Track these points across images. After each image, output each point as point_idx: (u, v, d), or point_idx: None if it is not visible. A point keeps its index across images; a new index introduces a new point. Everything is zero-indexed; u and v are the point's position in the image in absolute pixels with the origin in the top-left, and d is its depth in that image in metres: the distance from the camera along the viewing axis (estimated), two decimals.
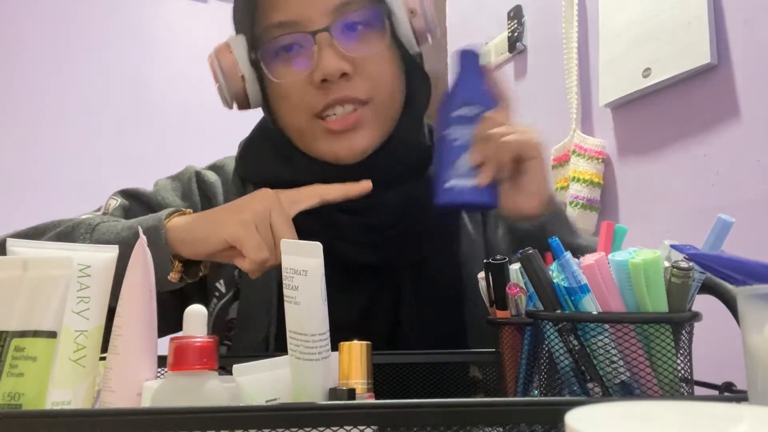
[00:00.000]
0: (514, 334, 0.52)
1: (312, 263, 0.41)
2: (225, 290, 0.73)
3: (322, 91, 0.65)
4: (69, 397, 0.43)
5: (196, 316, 0.44)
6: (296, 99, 0.67)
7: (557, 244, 0.44)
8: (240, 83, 0.68)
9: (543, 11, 1.82)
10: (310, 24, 0.65)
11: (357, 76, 0.66)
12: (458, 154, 0.64)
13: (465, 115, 0.64)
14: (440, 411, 0.32)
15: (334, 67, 0.64)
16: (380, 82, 0.68)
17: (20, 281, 0.37)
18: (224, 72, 0.68)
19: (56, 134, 2.11)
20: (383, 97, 0.68)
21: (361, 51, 0.66)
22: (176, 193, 0.76)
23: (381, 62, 0.68)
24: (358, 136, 0.67)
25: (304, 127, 0.68)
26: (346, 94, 0.65)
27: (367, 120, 0.67)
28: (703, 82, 1.29)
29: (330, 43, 0.64)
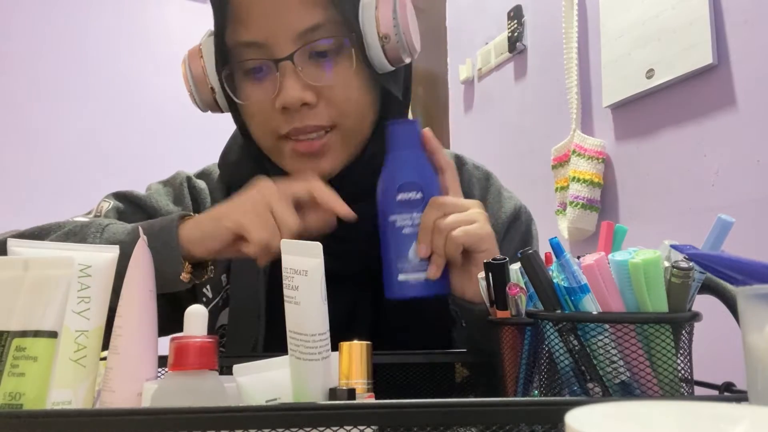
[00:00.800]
0: (514, 334, 0.52)
1: (312, 263, 0.41)
2: (212, 296, 0.73)
3: (284, 117, 0.65)
4: (69, 397, 0.43)
5: (196, 316, 0.44)
6: (261, 120, 0.67)
7: (557, 243, 0.44)
8: (209, 93, 0.68)
9: (543, 11, 1.82)
10: (276, 48, 0.63)
11: (321, 103, 0.65)
12: (408, 244, 0.61)
13: (409, 199, 0.61)
14: (440, 411, 0.32)
15: (294, 97, 0.63)
16: (346, 108, 0.66)
17: (21, 281, 0.37)
18: (194, 80, 0.68)
19: (56, 134, 2.11)
20: (350, 123, 0.67)
21: (325, 80, 0.64)
22: (169, 198, 0.76)
23: (347, 89, 0.66)
24: (323, 160, 0.66)
25: (271, 146, 0.68)
26: (307, 124, 0.64)
27: (333, 144, 0.66)
28: (702, 82, 1.29)
29: (293, 71, 0.63)
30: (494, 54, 2.02)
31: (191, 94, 0.69)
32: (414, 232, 0.61)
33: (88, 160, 2.12)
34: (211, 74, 0.67)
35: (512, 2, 1.92)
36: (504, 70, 1.99)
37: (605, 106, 1.52)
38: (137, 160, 2.14)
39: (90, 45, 2.21)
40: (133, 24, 2.29)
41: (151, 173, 2.22)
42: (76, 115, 2.15)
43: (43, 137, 2.09)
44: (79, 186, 2.09)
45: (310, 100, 0.63)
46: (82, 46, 2.20)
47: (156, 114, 2.22)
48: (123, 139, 2.17)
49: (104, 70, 2.22)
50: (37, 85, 2.12)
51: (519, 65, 1.93)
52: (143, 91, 2.25)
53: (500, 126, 1.99)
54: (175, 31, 2.36)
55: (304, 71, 0.63)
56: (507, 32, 1.93)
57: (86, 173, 2.11)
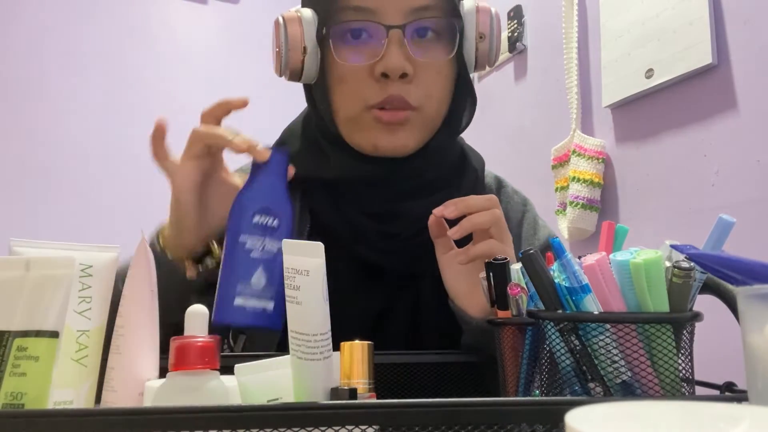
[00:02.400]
0: (515, 334, 0.52)
1: (314, 263, 0.41)
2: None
3: (379, 85, 0.66)
4: (71, 396, 0.43)
5: (197, 316, 0.44)
6: (353, 86, 0.67)
7: (558, 243, 0.44)
8: (300, 55, 0.68)
9: (543, 11, 1.82)
10: (386, 17, 0.65)
11: (415, 80, 0.66)
12: (254, 268, 0.57)
13: (265, 224, 0.58)
14: (441, 411, 0.32)
15: (398, 64, 0.64)
16: (433, 93, 0.68)
17: (22, 281, 0.37)
18: (288, 40, 0.68)
19: (56, 134, 2.11)
20: (431, 109, 0.69)
21: (425, 57, 0.67)
22: None
23: (439, 74, 0.68)
24: (401, 132, 0.68)
25: (353, 114, 0.68)
26: (400, 95, 0.66)
27: (413, 124, 0.68)
28: (702, 82, 1.29)
29: (400, 41, 0.65)
30: None
31: (278, 55, 0.69)
32: (262, 258, 0.56)
33: (88, 160, 2.12)
34: (308, 34, 0.67)
35: (512, 2, 1.92)
36: (504, 70, 1.99)
37: (605, 106, 1.52)
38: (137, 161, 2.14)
39: (91, 46, 2.21)
40: (134, 25, 2.29)
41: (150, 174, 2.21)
42: (76, 114, 2.15)
43: (42, 137, 2.09)
44: (79, 186, 2.09)
45: (410, 72, 0.65)
46: (82, 47, 2.20)
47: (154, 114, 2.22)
48: (123, 139, 2.17)
49: (105, 70, 2.22)
50: (38, 85, 2.12)
51: (519, 65, 1.93)
52: (143, 90, 2.25)
53: (500, 126, 1.99)
54: (175, 32, 2.36)
55: (409, 45, 0.65)
56: (507, 32, 1.93)
57: (86, 173, 2.11)
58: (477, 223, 0.62)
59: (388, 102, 0.66)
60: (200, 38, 2.37)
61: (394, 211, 0.71)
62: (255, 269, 0.56)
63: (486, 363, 0.65)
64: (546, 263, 0.45)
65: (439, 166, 0.73)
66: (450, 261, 0.67)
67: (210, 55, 2.35)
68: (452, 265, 0.66)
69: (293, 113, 0.82)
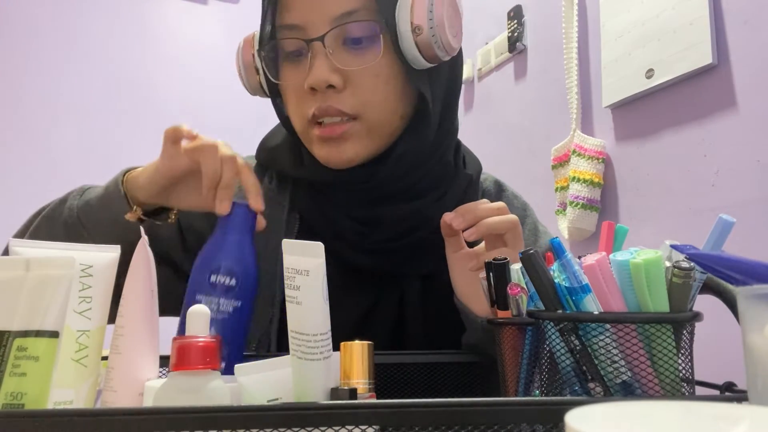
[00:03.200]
0: (515, 335, 0.52)
1: (313, 263, 0.41)
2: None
3: (312, 99, 0.66)
4: (71, 396, 0.43)
5: (198, 316, 0.44)
6: (294, 103, 0.69)
7: (558, 243, 0.44)
8: (255, 75, 0.72)
9: (543, 11, 1.82)
10: (312, 30, 0.65)
11: (348, 90, 0.65)
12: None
13: (222, 283, 0.55)
14: (441, 411, 0.32)
15: (321, 77, 0.64)
16: (371, 98, 0.66)
17: (22, 281, 0.37)
18: (243, 63, 0.72)
19: (56, 134, 2.11)
20: (375, 114, 0.67)
21: (353, 64, 0.65)
22: None
23: (375, 78, 0.66)
24: (344, 145, 0.67)
25: (302, 131, 0.70)
26: (330, 105, 0.65)
27: (355, 134, 0.67)
28: (702, 82, 1.29)
29: (323, 52, 0.64)
30: (494, 54, 2.02)
31: (240, 77, 0.73)
32: (215, 318, 0.54)
33: (89, 160, 2.12)
34: (258, 57, 0.71)
35: (512, 2, 1.92)
36: (504, 70, 1.99)
37: (605, 106, 1.52)
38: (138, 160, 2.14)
39: (91, 46, 2.21)
40: (134, 26, 2.29)
41: None
42: (76, 114, 2.15)
43: (43, 137, 2.09)
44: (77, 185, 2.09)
45: (336, 83, 0.64)
46: (83, 48, 2.20)
47: (155, 114, 2.22)
48: (123, 138, 2.17)
49: (105, 71, 2.22)
50: (38, 85, 2.12)
51: (519, 65, 1.93)
52: (143, 90, 2.25)
53: (500, 126, 1.99)
54: (175, 32, 2.36)
55: (334, 55, 0.65)
56: (507, 32, 1.93)
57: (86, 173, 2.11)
58: (493, 227, 0.62)
59: (319, 114, 0.66)
60: (200, 38, 2.37)
61: (373, 215, 0.71)
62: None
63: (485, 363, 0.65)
64: (546, 263, 0.45)
65: (414, 171, 0.71)
66: (459, 260, 0.66)
67: (210, 55, 2.35)
68: (461, 265, 0.66)
69: None
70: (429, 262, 0.72)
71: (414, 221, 0.71)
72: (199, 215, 0.70)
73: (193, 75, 2.31)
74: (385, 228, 0.71)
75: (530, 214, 0.82)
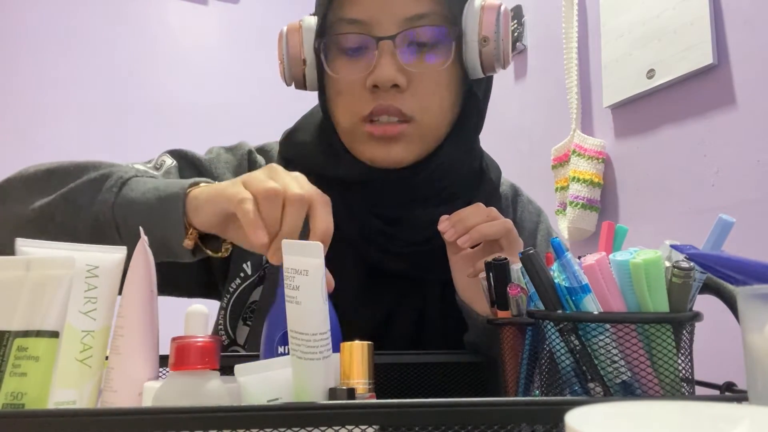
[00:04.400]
0: (515, 335, 0.52)
1: (313, 263, 0.41)
2: (251, 272, 0.72)
3: (371, 96, 0.65)
4: (74, 396, 0.43)
5: (197, 316, 0.44)
6: (348, 99, 0.67)
7: (558, 243, 0.44)
8: (300, 66, 0.69)
9: (543, 11, 1.82)
10: (378, 29, 0.65)
11: (409, 91, 0.65)
12: None
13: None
14: (441, 411, 0.32)
15: (388, 76, 0.64)
16: (429, 104, 0.67)
17: (23, 281, 0.37)
18: (288, 51, 0.69)
19: (57, 134, 2.11)
20: (429, 120, 0.67)
21: (419, 68, 0.66)
22: (228, 166, 0.76)
23: (437, 84, 0.67)
24: (396, 146, 0.67)
25: (350, 127, 0.68)
26: (391, 104, 0.65)
27: (408, 136, 0.67)
28: (702, 82, 1.29)
29: (391, 52, 0.64)
30: None
31: (282, 66, 0.70)
32: None
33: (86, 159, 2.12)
34: (307, 46, 0.68)
35: (512, 2, 1.92)
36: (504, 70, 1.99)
37: (605, 106, 1.52)
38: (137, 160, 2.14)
39: (91, 47, 2.21)
40: (134, 26, 2.29)
41: None
42: (76, 115, 2.15)
43: (43, 137, 2.09)
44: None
45: (401, 83, 0.64)
46: (83, 48, 2.20)
47: (155, 114, 2.22)
48: (123, 138, 2.17)
49: (105, 71, 2.22)
50: (39, 85, 2.12)
51: (519, 65, 1.93)
52: (143, 90, 2.25)
53: (500, 126, 1.99)
54: (176, 32, 2.36)
55: (402, 55, 0.65)
56: None
57: None
58: (486, 233, 0.62)
59: (377, 112, 0.65)
60: (200, 38, 2.37)
61: (402, 217, 0.71)
62: None
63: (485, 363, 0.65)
64: (546, 263, 0.45)
65: (450, 176, 0.72)
66: (458, 263, 0.66)
67: (210, 55, 2.35)
68: (460, 267, 0.66)
69: (294, 113, 0.82)
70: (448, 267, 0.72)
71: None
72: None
73: (193, 75, 2.31)
74: (411, 230, 0.71)
75: (544, 220, 0.83)
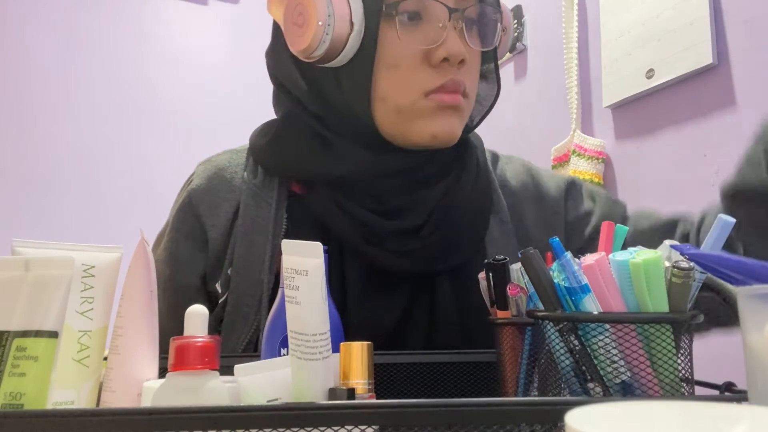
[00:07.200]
0: (515, 334, 0.52)
1: (313, 263, 0.41)
2: (221, 291, 0.70)
3: (436, 71, 0.63)
4: (72, 396, 0.43)
5: (196, 316, 0.44)
6: (407, 72, 0.63)
7: (558, 244, 0.44)
8: (347, 31, 0.61)
9: (543, 11, 1.82)
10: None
11: (466, 68, 0.65)
12: None
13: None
14: (440, 411, 0.32)
15: (460, 50, 0.62)
16: (475, 84, 0.68)
17: (22, 281, 0.37)
18: (335, 14, 0.60)
19: (57, 134, 2.11)
20: (473, 98, 0.69)
21: (474, 45, 0.66)
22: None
23: (478, 63, 0.68)
24: (456, 119, 0.66)
25: (408, 102, 0.64)
26: (460, 80, 0.64)
27: (463, 112, 0.67)
28: (702, 82, 1.29)
29: (460, 26, 0.64)
30: None
31: (321, 30, 0.60)
32: None
33: (90, 160, 2.12)
34: (356, 9, 0.61)
35: (512, 2, 1.92)
36: (504, 70, 1.99)
37: (605, 106, 1.52)
38: (139, 160, 2.14)
39: (91, 47, 2.21)
40: (134, 27, 2.29)
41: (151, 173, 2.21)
42: (77, 115, 2.15)
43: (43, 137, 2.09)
44: (79, 185, 2.09)
45: (468, 59, 0.64)
46: (82, 49, 2.20)
47: (155, 114, 2.22)
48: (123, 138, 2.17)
49: (105, 71, 2.22)
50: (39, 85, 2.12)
51: (519, 65, 1.92)
52: (143, 91, 2.25)
53: (500, 126, 1.99)
54: (175, 33, 2.35)
55: (466, 29, 0.65)
56: None
57: (88, 173, 2.11)
58: None
59: (450, 88, 0.64)
60: (200, 38, 2.37)
61: (407, 203, 0.68)
62: None
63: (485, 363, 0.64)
64: (545, 263, 0.45)
65: (451, 155, 0.71)
66: None
67: (210, 55, 2.35)
68: None
69: None
70: (459, 253, 0.69)
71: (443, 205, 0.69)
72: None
73: (193, 75, 2.31)
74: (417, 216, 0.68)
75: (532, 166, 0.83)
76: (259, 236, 0.68)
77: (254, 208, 0.69)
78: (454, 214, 0.69)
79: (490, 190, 0.74)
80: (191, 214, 0.72)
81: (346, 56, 0.63)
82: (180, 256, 0.72)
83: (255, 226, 0.68)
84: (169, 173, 0.83)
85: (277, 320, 0.52)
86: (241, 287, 0.67)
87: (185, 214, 0.73)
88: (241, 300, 0.67)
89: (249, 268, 0.67)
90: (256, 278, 0.66)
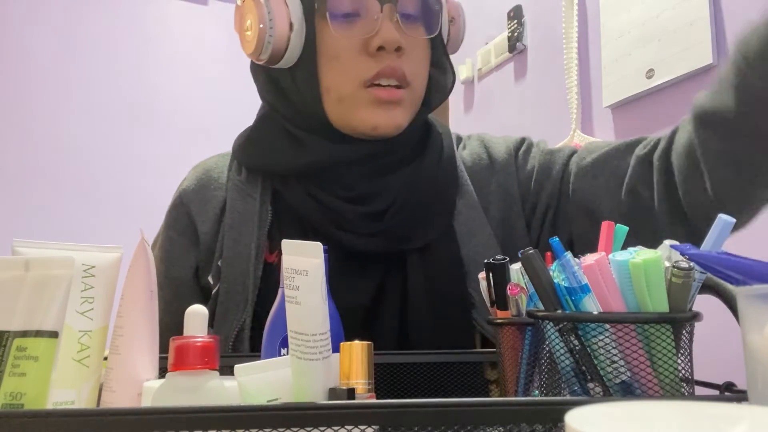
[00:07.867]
0: (515, 335, 0.52)
1: (313, 263, 0.41)
2: (213, 282, 0.73)
3: (374, 60, 0.66)
4: (73, 396, 0.43)
5: (196, 316, 0.44)
6: (347, 63, 0.67)
7: (557, 244, 0.44)
8: (286, 32, 0.66)
9: (543, 11, 1.82)
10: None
11: (405, 56, 0.68)
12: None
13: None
14: (440, 411, 0.32)
15: (394, 37, 0.65)
16: (420, 71, 0.70)
17: (22, 281, 0.37)
18: (274, 16, 0.65)
19: (58, 134, 2.11)
20: (419, 87, 0.71)
21: (414, 34, 0.69)
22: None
23: (423, 53, 0.71)
24: (397, 111, 0.69)
25: (348, 92, 0.68)
26: (397, 66, 0.67)
27: (405, 101, 0.70)
28: (702, 82, 1.29)
29: (392, 16, 0.66)
30: (494, 54, 2.02)
31: (262, 33, 0.65)
32: None
33: (90, 160, 2.12)
34: (294, 9, 0.66)
35: (512, 2, 1.92)
36: (504, 70, 1.99)
37: (605, 106, 1.52)
38: (139, 160, 2.14)
39: (91, 47, 2.21)
40: (134, 27, 2.29)
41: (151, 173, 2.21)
42: (77, 115, 2.15)
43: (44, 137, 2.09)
44: (79, 185, 2.09)
45: (405, 46, 0.67)
46: (83, 49, 2.20)
47: (155, 114, 2.22)
48: (123, 139, 2.17)
49: (105, 72, 2.22)
50: (39, 86, 2.12)
51: (519, 65, 1.92)
52: (143, 91, 2.25)
53: (500, 126, 1.99)
54: (176, 33, 2.36)
55: (401, 19, 0.67)
56: (507, 32, 1.93)
57: (88, 173, 2.11)
58: None
59: (384, 73, 0.67)
60: (200, 38, 2.37)
61: (374, 189, 0.71)
62: None
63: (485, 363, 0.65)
64: (545, 263, 0.45)
65: (412, 140, 0.75)
66: None
67: (210, 55, 2.35)
68: None
69: None
70: (425, 232, 0.72)
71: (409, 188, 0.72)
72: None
73: (193, 75, 2.31)
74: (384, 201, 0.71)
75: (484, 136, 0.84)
76: (245, 227, 0.72)
77: (240, 202, 0.74)
78: (418, 197, 0.72)
79: (456, 172, 0.77)
80: (183, 212, 0.77)
81: (293, 54, 0.67)
82: (174, 252, 0.76)
83: (241, 219, 0.72)
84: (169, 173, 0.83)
85: (277, 320, 0.52)
86: (230, 277, 0.71)
87: (177, 213, 0.78)
88: (231, 288, 0.70)
89: (237, 258, 0.71)
90: (244, 267, 0.70)
